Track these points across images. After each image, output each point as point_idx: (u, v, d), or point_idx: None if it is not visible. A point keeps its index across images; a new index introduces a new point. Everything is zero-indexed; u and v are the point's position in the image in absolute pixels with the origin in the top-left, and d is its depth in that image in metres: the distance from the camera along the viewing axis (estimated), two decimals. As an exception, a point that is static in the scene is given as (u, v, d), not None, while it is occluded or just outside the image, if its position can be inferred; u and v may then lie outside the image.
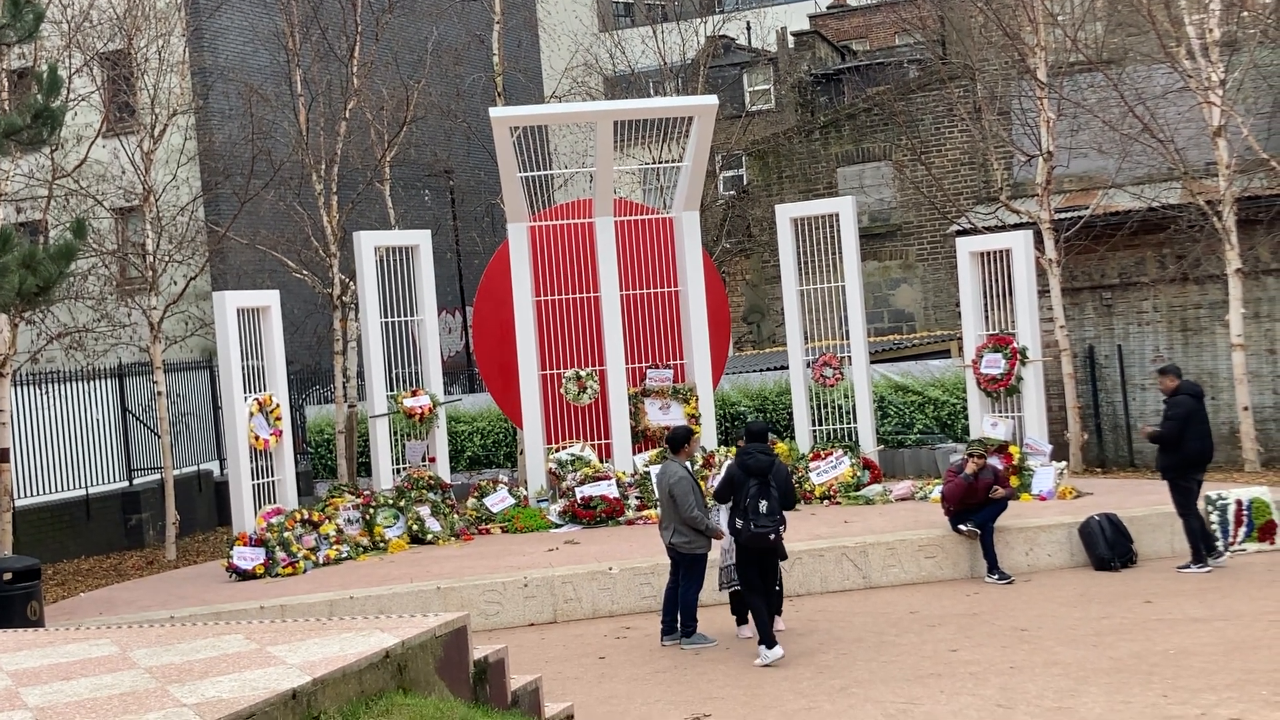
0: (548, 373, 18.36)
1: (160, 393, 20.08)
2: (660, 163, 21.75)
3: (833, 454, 17.82)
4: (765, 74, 36.89)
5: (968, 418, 18.02)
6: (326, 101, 22.63)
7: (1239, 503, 14.29)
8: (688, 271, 18.43)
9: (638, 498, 17.28)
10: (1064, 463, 17.23)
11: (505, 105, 21.77)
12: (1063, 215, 20.14)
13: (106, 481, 21.88)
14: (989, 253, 17.54)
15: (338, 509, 16.53)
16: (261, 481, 16.17)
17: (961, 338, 18.98)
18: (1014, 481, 15.66)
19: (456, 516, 17.21)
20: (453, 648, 7.62)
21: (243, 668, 6.96)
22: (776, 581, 11.86)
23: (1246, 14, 19.28)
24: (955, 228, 21.75)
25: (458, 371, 30.13)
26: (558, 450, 18.06)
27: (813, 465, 17.77)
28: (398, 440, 17.66)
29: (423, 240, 18.26)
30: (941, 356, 22.34)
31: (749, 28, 41.05)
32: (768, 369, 22.69)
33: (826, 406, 18.65)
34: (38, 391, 20.89)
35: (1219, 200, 18.36)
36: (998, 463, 15.35)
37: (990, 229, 19.87)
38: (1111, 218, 20.14)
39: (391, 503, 16.83)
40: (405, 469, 17.51)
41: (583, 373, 18.26)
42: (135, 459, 22.76)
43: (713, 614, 12.40)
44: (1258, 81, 20.18)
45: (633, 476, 17.54)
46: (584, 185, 24.42)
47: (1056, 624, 11.77)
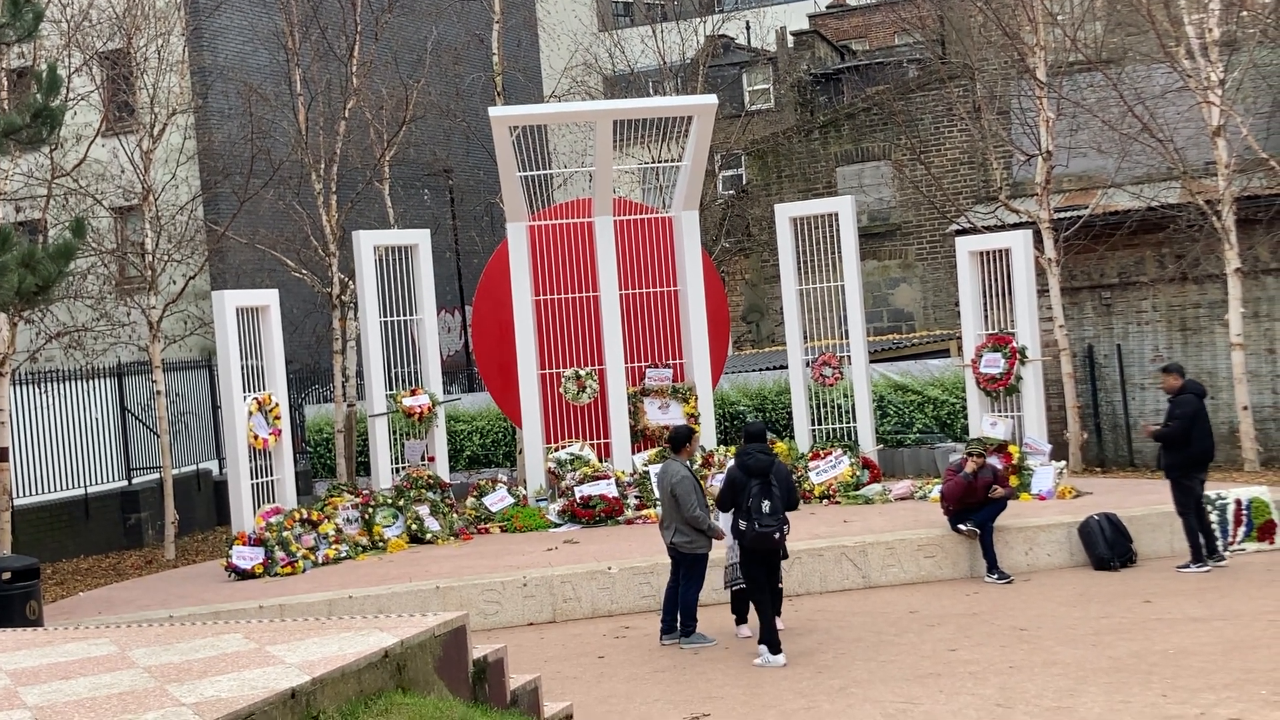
0: (547, 372, 18.36)
1: (159, 392, 20.08)
2: (659, 162, 21.71)
3: (832, 453, 17.82)
4: (765, 73, 36.89)
5: (967, 417, 18.02)
6: (326, 101, 22.62)
7: (1238, 502, 14.30)
8: (687, 271, 18.42)
9: (637, 497, 17.27)
10: (1063, 462, 17.23)
11: (505, 105, 21.77)
12: (1062, 215, 20.14)
13: (105, 481, 21.89)
14: (988, 252, 17.53)
15: (337, 508, 16.53)
16: (260, 481, 16.15)
17: (961, 337, 18.98)
18: (1013, 481, 15.65)
19: (455, 516, 17.20)
20: (452, 647, 7.62)
21: (242, 667, 6.95)
22: (778, 580, 11.86)
23: (1246, 14, 19.29)
24: (954, 227, 21.74)
25: (457, 371, 30.12)
26: (557, 450, 18.05)
27: (812, 465, 17.76)
28: (397, 440, 17.66)
29: (422, 239, 18.25)
30: (941, 356, 22.32)
31: (748, 27, 41.06)
32: (767, 368, 22.67)
33: (826, 406, 18.65)
34: (37, 391, 20.89)
35: (1218, 200, 18.36)
36: (997, 462, 15.33)
37: (989, 228, 19.86)
38: (1111, 217, 20.14)
39: (390, 502, 16.82)
40: (404, 468, 17.50)
41: (582, 372, 18.25)
42: (134, 458, 22.76)
43: (712, 614, 12.40)
44: (1257, 81, 20.18)
45: (632, 476, 17.53)
46: (583, 185, 24.43)
47: (1056, 623, 11.77)
